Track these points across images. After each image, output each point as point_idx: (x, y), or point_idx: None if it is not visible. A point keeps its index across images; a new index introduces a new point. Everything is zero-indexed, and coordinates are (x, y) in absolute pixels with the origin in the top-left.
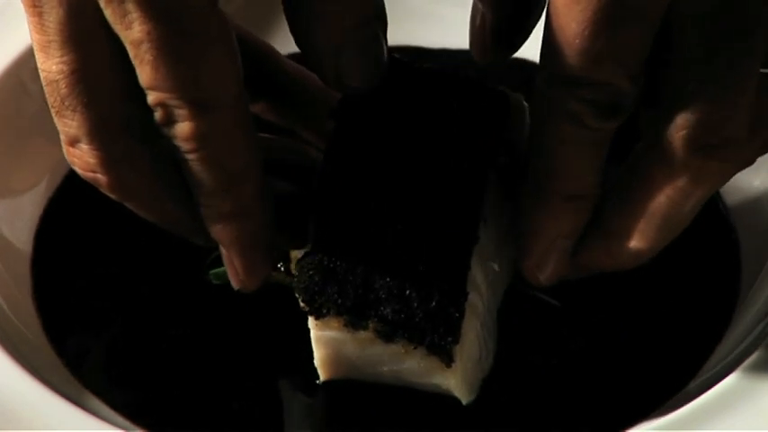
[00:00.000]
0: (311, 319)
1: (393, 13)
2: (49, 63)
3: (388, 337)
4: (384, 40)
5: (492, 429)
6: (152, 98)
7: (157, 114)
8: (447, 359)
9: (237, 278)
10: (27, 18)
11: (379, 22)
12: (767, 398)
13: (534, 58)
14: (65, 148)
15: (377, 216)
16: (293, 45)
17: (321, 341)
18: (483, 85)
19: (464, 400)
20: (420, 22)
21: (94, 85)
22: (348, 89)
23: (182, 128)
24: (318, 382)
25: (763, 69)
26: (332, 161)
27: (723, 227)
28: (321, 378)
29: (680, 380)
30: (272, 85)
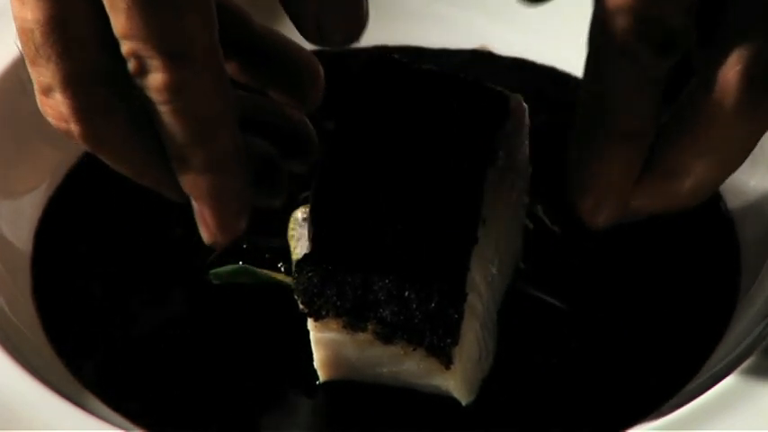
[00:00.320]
0: (310, 321)
1: (393, 13)
2: (24, 11)
3: (387, 338)
4: None
5: (492, 430)
6: (126, 48)
7: (131, 64)
8: (446, 360)
9: (209, 231)
10: None
11: None
12: (767, 398)
13: (534, 58)
14: (38, 98)
15: (376, 217)
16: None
17: (320, 343)
18: (482, 85)
19: (463, 401)
20: (420, 22)
21: (69, 34)
22: (329, 44)
23: (155, 78)
24: (318, 382)
25: None
26: (331, 161)
27: (723, 227)
28: (321, 379)
29: (680, 380)
30: (245, 45)
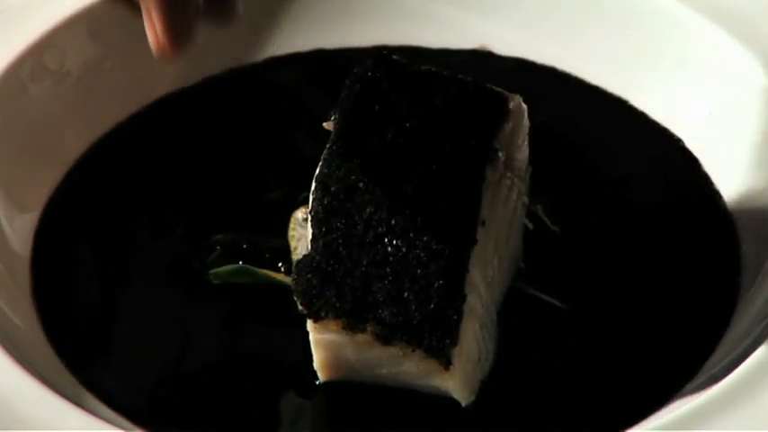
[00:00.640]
0: (310, 322)
1: (393, 13)
2: None
3: (386, 339)
4: None
5: (492, 430)
6: None
7: None
8: (445, 361)
9: (156, 37)
10: None
11: None
12: (767, 398)
13: (534, 58)
14: None
15: (374, 218)
16: (293, 45)
17: (320, 344)
18: (482, 85)
19: (463, 402)
20: (419, 21)
21: None
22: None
23: None
24: (318, 382)
25: None
26: (331, 161)
27: (723, 226)
28: (321, 379)
29: (680, 380)
30: None
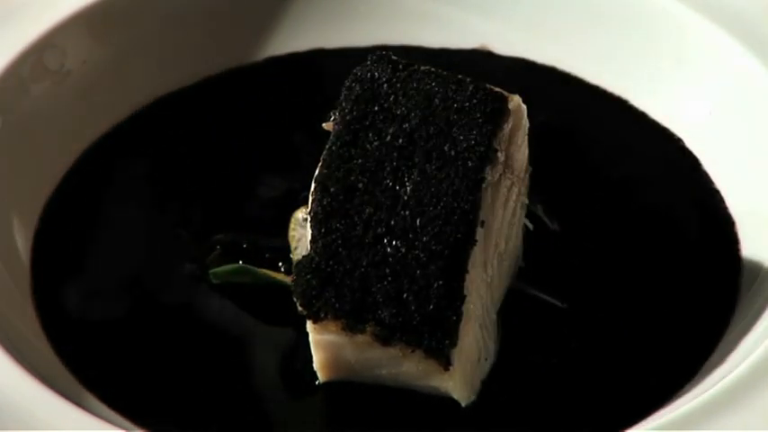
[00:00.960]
0: (309, 323)
1: (392, 13)
2: None
3: (385, 340)
4: None
5: (492, 430)
6: None
7: None
8: (445, 362)
9: None
10: None
11: None
12: (767, 398)
13: (534, 57)
14: None
15: (374, 218)
16: (293, 45)
17: (320, 345)
18: (481, 85)
19: (463, 402)
20: (419, 21)
21: None
22: None
23: None
24: (318, 382)
25: None
26: (331, 161)
27: (723, 227)
28: (321, 380)
29: (680, 380)
30: None
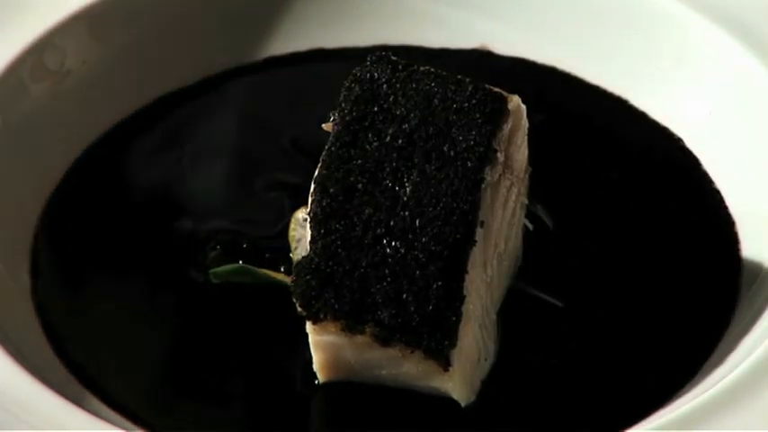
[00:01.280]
0: (309, 324)
1: (393, 13)
2: None
3: (385, 341)
4: None
5: (491, 430)
6: None
7: None
8: (444, 363)
9: None
10: None
11: None
12: (767, 398)
13: (534, 58)
14: None
15: (373, 219)
16: (293, 45)
17: (319, 345)
18: (481, 85)
19: (463, 403)
20: (419, 21)
21: None
22: None
23: None
24: (318, 383)
25: None
26: (331, 161)
27: (723, 227)
28: (320, 380)
29: (680, 380)
30: None
